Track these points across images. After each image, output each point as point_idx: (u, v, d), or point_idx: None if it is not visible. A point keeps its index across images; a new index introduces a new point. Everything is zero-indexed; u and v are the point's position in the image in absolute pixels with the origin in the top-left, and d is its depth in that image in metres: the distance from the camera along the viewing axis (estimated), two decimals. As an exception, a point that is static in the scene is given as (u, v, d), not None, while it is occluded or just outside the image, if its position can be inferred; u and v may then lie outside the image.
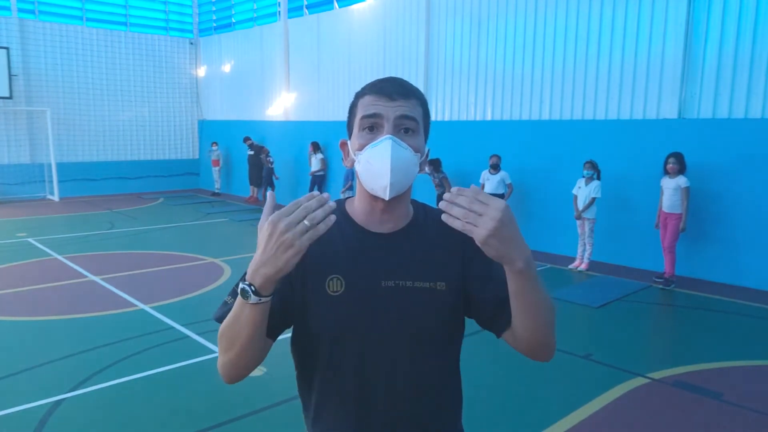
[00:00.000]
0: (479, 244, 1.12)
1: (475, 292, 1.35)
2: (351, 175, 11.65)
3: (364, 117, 1.30)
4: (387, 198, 1.26)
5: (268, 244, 1.10)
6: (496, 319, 1.34)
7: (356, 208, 1.38)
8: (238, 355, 1.24)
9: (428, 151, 1.38)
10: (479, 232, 1.10)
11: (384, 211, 1.34)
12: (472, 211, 1.10)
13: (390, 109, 1.27)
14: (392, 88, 1.30)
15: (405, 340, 1.31)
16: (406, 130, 1.29)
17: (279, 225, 1.09)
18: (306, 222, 1.08)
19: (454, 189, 1.13)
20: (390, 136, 1.26)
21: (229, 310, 1.26)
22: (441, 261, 1.36)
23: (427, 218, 1.41)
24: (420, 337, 1.33)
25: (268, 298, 1.17)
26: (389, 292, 1.30)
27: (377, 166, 1.25)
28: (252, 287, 1.14)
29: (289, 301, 1.31)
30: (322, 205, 1.10)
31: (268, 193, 1.30)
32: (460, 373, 1.46)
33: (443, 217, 1.13)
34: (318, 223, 1.09)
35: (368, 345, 1.30)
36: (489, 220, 1.09)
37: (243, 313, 1.18)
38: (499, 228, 1.09)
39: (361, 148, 1.29)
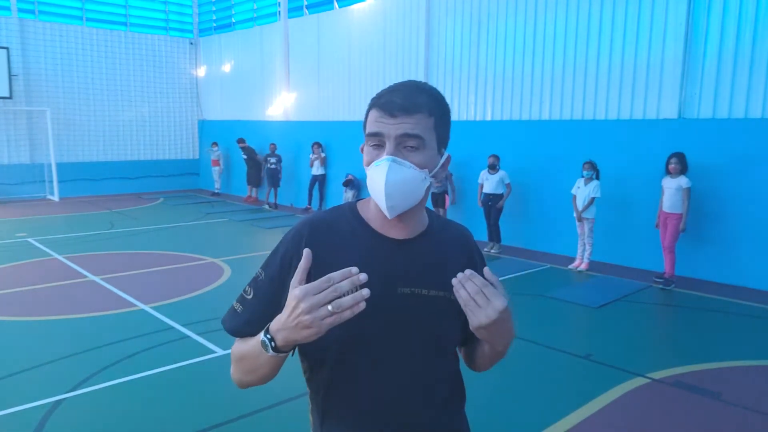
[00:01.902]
0: (471, 329, 1.24)
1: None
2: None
3: (368, 134, 1.29)
4: (390, 218, 1.28)
5: (291, 315, 1.10)
6: (466, 339, 1.47)
7: (371, 211, 1.37)
8: (258, 380, 1.32)
9: (448, 157, 1.36)
10: (473, 320, 1.21)
11: (397, 220, 1.34)
12: (474, 300, 1.20)
13: (391, 128, 1.25)
14: (396, 103, 1.25)
15: (418, 347, 1.31)
16: (410, 147, 1.26)
17: (300, 304, 1.08)
18: (329, 308, 1.07)
19: (467, 272, 1.22)
20: (389, 157, 1.24)
21: (241, 321, 1.34)
22: (453, 271, 1.34)
23: (441, 229, 1.43)
24: (433, 345, 1.34)
25: (287, 354, 1.21)
26: (405, 298, 1.31)
27: (376, 188, 1.26)
28: (273, 343, 1.17)
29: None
30: (354, 287, 1.07)
31: (305, 251, 1.18)
32: (461, 371, 1.48)
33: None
34: (344, 311, 1.07)
35: (380, 351, 1.30)
36: (484, 317, 1.20)
37: (262, 357, 1.21)
38: (491, 325, 1.20)
39: (367, 164, 1.30)
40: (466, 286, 1.21)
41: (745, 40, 7.14)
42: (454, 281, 1.22)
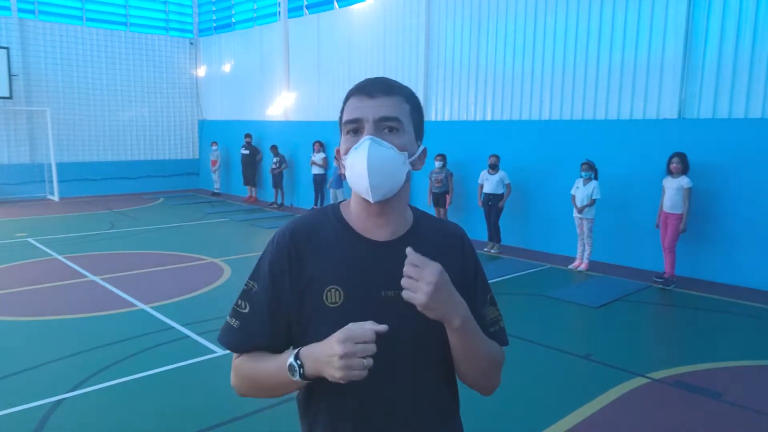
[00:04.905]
0: (420, 310, 1.17)
1: None
2: (339, 176, 11.62)
3: (346, 122, 1.28)
4: (372, 200, 1.25)
5: (328, 352, 1.15)
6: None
7: (352, 213, 1.36)
8: (269, 396, 1.35)
9: (424, 149, 1.35)
10: (419, 298, 1.15)
11: (378, 215, 1.31)
12: (409, 277, 1.16)
13: (370, 110, 1.26)
14: (373, 86, 1.28)
15: (405, 350, 1.29)
16: (390, 129, 1.27)
17: (338, 347, 1.13)
18: (365, 362, 1.13)
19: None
20: (369, 136, 1.24)
21: (242, 336, 1.33)
22: None
23: (428, 227, 1.40)
24: (420, 348, 1.31)
25: (310, 381, 1.22)
26: (389, 301, 1.28)
27: (358, 167, 1.24)
28: (302, 369, 1.19)
29: (285, 317, 1.32)
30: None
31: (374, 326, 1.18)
32: (455, 375, 1.45)
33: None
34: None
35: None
36: (426, 285, 1.15)
37: (282, 379, 1.24)
38: (436, 292, 1.15)
39: (346, 151, 1.29)
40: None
41: (745, 40, 7.14)
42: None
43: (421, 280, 1.15)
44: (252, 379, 1.32)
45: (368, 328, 1.14)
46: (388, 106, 1.26)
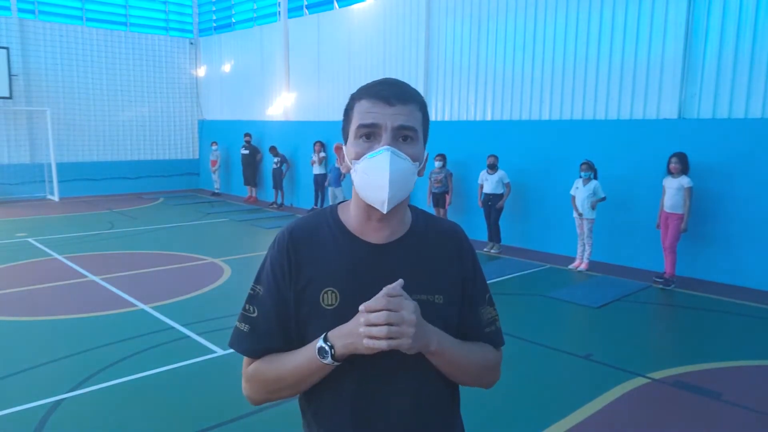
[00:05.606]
0: (404, 351, 1.18)
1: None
2: (337, 175, 11.61)
3: (361, 126, 1.25)
4: (385, 211, 1.24)
5: (356, 324, 1.18)
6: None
7: (351, 216, 1.35)
8: (290, 395, 1.33)
9: (427, 155, 1.35)
10: (406, 343, 1.16)
11: (380, 220, 1.31)
12: (391, 324, 1.14)
13: (388, 117, 1.23)
14: (391, 93, 1.25)
15: (402, 354, 1.26)
16: (405, 138, 1.25)
17: (361, 318, 1.17)
18: (386, 330, 1.14)
19: (361, 308, 1.17)
20: (388, 147, 1.22)
21: (256, 338, 1.32)
22: (439, 273, 1.34)
23: (426, 227, 1.39)
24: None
25: (340, 363, 1.24)
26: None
27: (375, 178, 1.22)
28: (333, 350, 1.21)
29: (291, 317, 1.32)
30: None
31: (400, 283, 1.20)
32: None
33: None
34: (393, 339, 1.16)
35: (365, 359, 1.25)
36: (408, 328, 1.15)
37: (312, 367, 1.25)
38: (418, 330, 1.17)
39: (358, 157, 1.25)
40: (373, 320, 1.15)
41: (745, 40, 7.14)
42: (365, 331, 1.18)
43: (402, 323, 1.15)
44: (275, 380, 1.30)
45: (380, 295, 1.16)
46: (406, 115, 1.24)
